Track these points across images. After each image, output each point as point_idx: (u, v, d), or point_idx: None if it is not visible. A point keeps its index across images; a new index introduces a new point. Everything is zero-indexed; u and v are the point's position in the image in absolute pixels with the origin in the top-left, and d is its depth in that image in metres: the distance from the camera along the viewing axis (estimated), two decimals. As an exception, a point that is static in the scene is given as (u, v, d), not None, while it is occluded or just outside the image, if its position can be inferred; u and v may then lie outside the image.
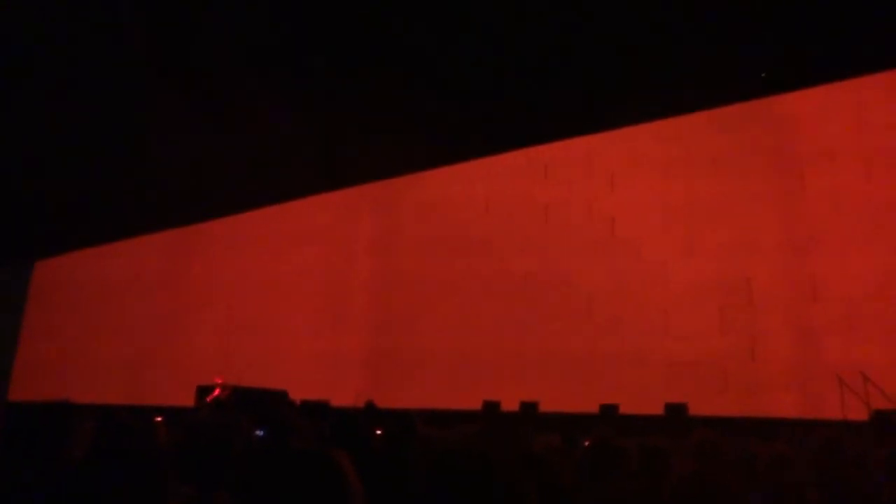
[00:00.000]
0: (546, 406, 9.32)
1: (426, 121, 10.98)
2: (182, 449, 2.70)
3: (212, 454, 2.57)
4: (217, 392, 10.19)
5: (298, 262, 14.43)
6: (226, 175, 12.33)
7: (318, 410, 8.89)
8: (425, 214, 13.34)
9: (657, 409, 8.54)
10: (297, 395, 10.58)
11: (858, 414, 8.54)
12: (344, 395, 10.75)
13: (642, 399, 8.79)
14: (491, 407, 9.47)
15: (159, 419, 3.04)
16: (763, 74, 10.00)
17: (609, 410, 8.76)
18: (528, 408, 9.33)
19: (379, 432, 4.27)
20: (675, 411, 8.38)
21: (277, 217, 15.00)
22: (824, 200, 10.05)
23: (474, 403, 9.65)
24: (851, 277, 9.61)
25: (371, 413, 8.06)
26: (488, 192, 12.85)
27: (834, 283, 9.76)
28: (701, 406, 8.46)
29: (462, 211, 12.97)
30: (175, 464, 2.17)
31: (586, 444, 3.55)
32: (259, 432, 3.13)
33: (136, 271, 16.31)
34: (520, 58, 9.79)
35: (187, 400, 10.89)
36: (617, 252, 11.40)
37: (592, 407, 8.90)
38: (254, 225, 15.29)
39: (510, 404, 9.47)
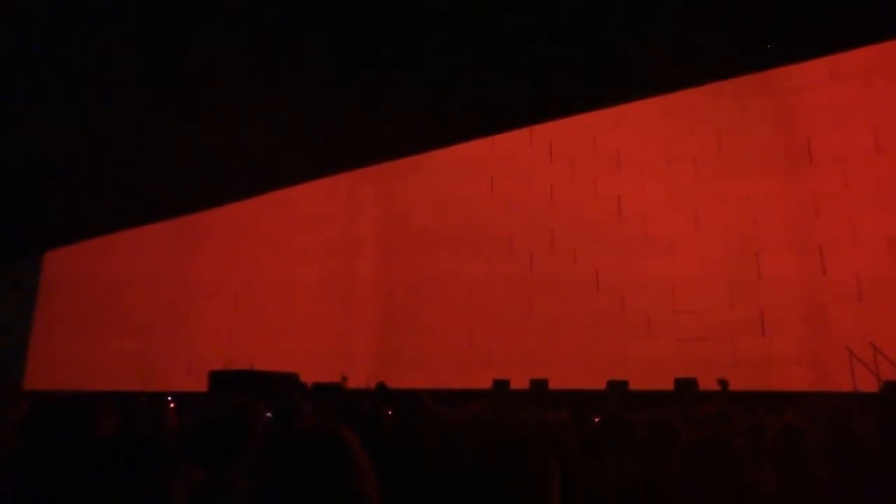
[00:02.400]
0: (555, 383, 9.34)
1: (429, 99, 10.92)
2: (196, 433, 2.73)
3: (227, 439, 2.58)
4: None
5: (302, 251, 14.47)
6: (230, 161, 12.34)
7: (329, 392, 8.96)
8: (430, 195, 13.31)
9: (667, 385, 8.54)
10: (308, 378, 10.67)
11: (868, 385, 8.52)
12: (355, 379, 10.82)
13: (652, 375, 8.79)
14: (501, 385, 9.51)
15: (170, 401, 3.07)
16: (768, 45, 9.87)
17: (618, 386, 8.76)
18: (538, 385, 9.35)
19: (390, 412, 4.29)
20: (685, 386, 8.38)
21: (279, 207, 15.03)
22: (832, 171, 9.96)
23: (484, 383, 9.68)
24: (859, 248, 9.54)
25: (382, 393, 8.11)
26: (493, 171, 12.80)
27: (842, 254, 9.69)
28: (711, 381, 8.44)
29: (468, 191, 12.93)
30: (186, 447, 2.18)
31: (596, 420, 3.56)
32: (268, 414, 3.14)
33: (144, 265, 16.41)
34: (523, 33, 9.70)
35: (200, 386, 10.99)
36: (624, 229, 11.35)
37: (601, 383, 8.91)
38: (257, 216, 15.33)
39: (520, 382, 9.50)
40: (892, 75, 9.75)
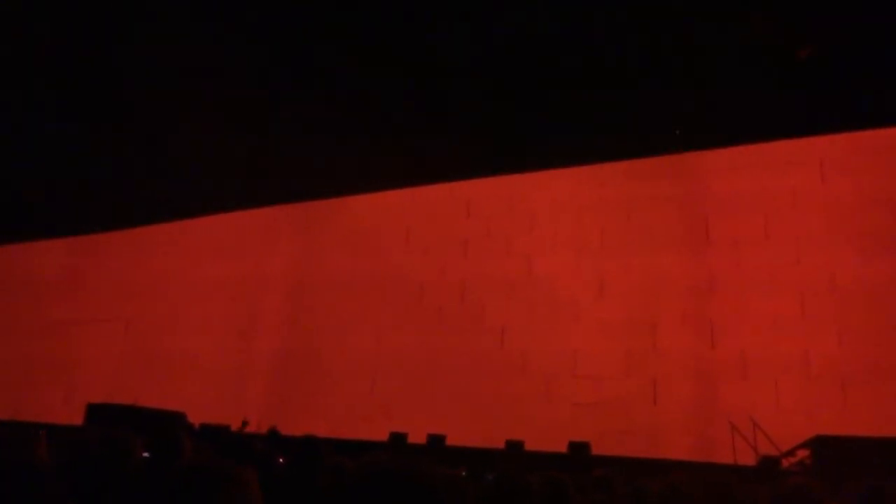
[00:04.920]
0: (453, 440, 9.29)
1: (350, 146, 10.97)
2: (66, 468, 2.53)
3: (98, 477, 2.42)
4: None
5: (208, 280, 13.94)
6: (144, 181, 11.87)
7: (217, 435, 8.54)
8: (344, 240, 13.22)
9: (561, 447, 8.68)
10: (196, 418, 10.13)
11: (748, 459, 8.97)
12: (247, 420, 10.38)
13: (547, 436, 8.91)
14: (398, 438, 9.36)
15: (42, 433, 2.83)
16: (678, 131, 10.61)
17: (514, 446, 8.82)
18: (436, 441, 9.27)
19: (281, 460, 4.14)
20: (578, 450, 8.54)
21: (189, 231, 14.50)
22: (725, 251, 10.65)
23: (382, 435, 9.51)
24: (747, 327, 10.17)
25: (274, 440, 7.81)
26: (410, 222, 12.88)
27: (730, 332, 10.29)
28: (604, 445, 8.65)
29: (382, 239, 12.93)
30: (56, 483, 2.02)
31: (490, 478, 3.56)
32: (146, 454, 2.94)
33: (32, 275, 15.32)
34: (448, 92, 9.99)
35: (76, 418, 10.23)
36: (531, 290, 11.62)
37: (499, 442, 8.94)
38: (163, 236, 14.71)
39: (417, 436, 9.38)
40: (784, 170, 10.63)
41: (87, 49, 9.60)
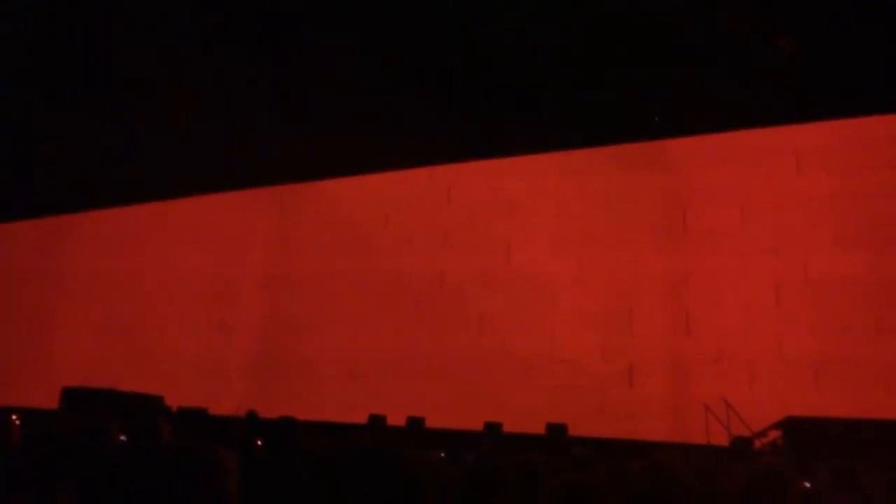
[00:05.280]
0: (432, 422, 9.35)
1: (330, 128, 10.88)
2: (43, 452, 2.52)
3: (75, 459, 2.41)
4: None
5: (186, 264, 13.79)
6: (119, 165, 11.69)
7: (196, 418, 8.48)
8: (324, 225, 13.14)
9: (539, 429, 8.78)
10: (174, 402, 10.07)
11: (720, 439, 9.14)
12: (225, 404, 10.33)
13: (526, 418, 9.00)
14: (377, 421, 9.39)
15: (15, 418, 2.80)
16: (656, 118, 10.67)
17: (493, 428, 8.90)
18: (415, 423, 9.32)
19: (260, 442, 4.14)
20: (556, 431, 8.66)
21: (166, 214, 14.31)
22: (702, 241, 10.77)
23: (360, 417, 9.53)
24: (721, 314, 10.33)
25: (253, 423, 7.79)
26: (389, 207, 12.83)
27: (706, 318, 10.44)
28: (580, 427, 8.77)
29: (362, 224, 12.87)
30: (29, 466, 2.01)
31: (469, 459, 3.60)
32: (123, 437, 2.92)
33: (7, 261, 15.05)
34: (430, 76, 9.94)
35: (51, 402, 10.11)
36: (511, 277, 11.67)
37: (477, 425, 9.01)
38: (140, 221, 14.51)
39: (397, 419, 9.43)
40: (760, 157, 10.75)
41: (64, 27, 9.40)
